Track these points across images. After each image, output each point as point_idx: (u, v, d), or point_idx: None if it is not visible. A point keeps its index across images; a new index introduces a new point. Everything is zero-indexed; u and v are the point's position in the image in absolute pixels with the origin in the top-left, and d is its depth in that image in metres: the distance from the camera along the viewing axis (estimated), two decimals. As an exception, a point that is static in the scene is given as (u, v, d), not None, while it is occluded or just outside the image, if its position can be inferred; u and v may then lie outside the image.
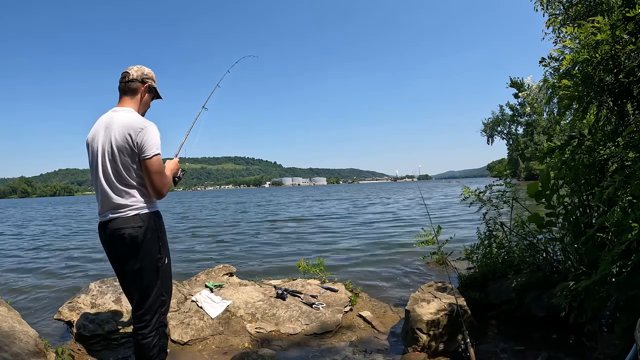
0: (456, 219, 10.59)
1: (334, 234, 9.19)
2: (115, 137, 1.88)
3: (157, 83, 2.19)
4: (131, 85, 2.04)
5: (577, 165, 2.55)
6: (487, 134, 57.64)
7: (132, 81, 2.04)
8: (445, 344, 2.58)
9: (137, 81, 2.05)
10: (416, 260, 5.56)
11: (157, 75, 2.19)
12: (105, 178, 1.91)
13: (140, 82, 2.06)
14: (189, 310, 3.19)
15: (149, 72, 2.11)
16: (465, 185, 4.67)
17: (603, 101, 2.37)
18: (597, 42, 2.08)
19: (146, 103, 2.13)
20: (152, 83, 2.12)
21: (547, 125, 37.83)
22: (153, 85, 2.13)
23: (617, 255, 1.83)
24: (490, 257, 3.41)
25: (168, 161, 2.17)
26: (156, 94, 2.19)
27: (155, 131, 1.93)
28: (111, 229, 1.91)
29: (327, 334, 2.98)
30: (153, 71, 2.15)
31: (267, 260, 6.41)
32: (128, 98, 2.05)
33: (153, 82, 2.13)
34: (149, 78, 2.10)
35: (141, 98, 2.08)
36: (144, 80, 2.07)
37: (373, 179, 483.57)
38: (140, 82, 2.06)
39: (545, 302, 2.79)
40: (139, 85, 2.06)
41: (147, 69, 2.12)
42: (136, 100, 2.06)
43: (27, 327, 2.55)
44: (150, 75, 2.11)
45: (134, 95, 2.06)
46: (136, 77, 2.05)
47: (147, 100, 2.13)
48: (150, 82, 2.11)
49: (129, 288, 2.06)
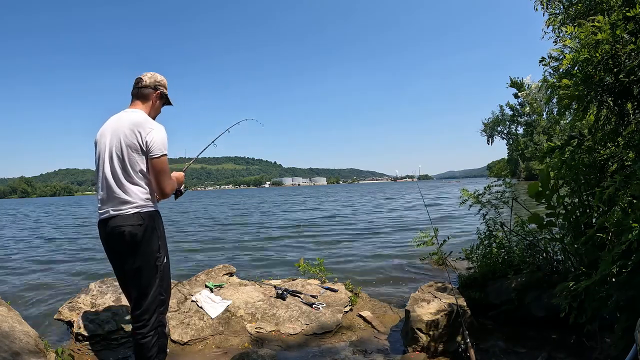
0: (456, 219, 10.59)
1: (334, 234, 9.19)
2: (125, 135, 1.93)
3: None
4: (144, 91, 2.10)
5: (577, 165, 2.54)
6: (487, 134, 57.65)
7: (144, 87, 2.10)
8: (445, 344, 2.58)
9: (149, 88, 2.11)
10: (416, 260, 5.56)
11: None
12: (112, 174, 1.94)
13: (153, 89, 2.12)
14: (189, 310, 3.19)
15: (161, 80, 2.16)
16: (465, 185, 4.67)
17: (603, 101, 2.37)
18: (597, 41, 2.07)
19: (157, 109, 2.19)
20: (164, 90, 2.17)
21: (547, 125, 37.85)
22: (165, 92, 2.18)
23: (617, 256, 1.83)
24: (490, 257, 3.41)
25: (175, 172, 2.22)
26: (167, 101, 2.24)
27: (163, 133, 1.99)
28: (111, 227, 1.92)
29: (327, 334, 2.98)
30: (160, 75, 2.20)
31: (267, 260, 6.42)
32: (140, 102, 2.11)
33: (165, 90, 2.18)
34: (161, 85, 2.16)
35: (153, 104, 2.14)
36: (156, 87, 2.13)
37: (373, 179, 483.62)
38: (153, 89, 2.12)
39: (545, 302, 2.78)
40: (151, 91, 2.12)
41: (160, 76, 2.17)
42: (148, 105, 2.12)
43: (27, 327, 2.55)
44: (162, 82, 2.16)
45: (146, 101, 2.11)
46: (149, 84, 2.10)
47: (158, 106, 2.19)
48: (162, 90, 2.16)
49: (128, 287, 2.07)
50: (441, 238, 4.04)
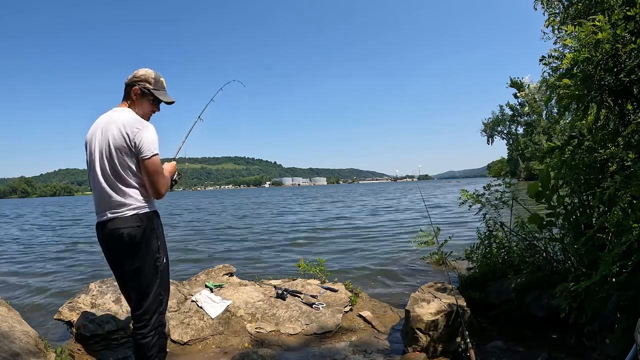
0: (457, 219, 10.59)
1: (334, 234, 9.19)
2: (113, 137, 1.89)
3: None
4: (126, 89, 2.06)
5: (577, 165, 2.54)
6: (487, 134, 57.68)
7: (126, 85, 2.05)
8: (445, 344, 2.57)
9: (129, 85, 2.04)
10: (416, 260, 5.56)
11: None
12: (104, 177, 1.91)
13: (131, 86, 2.03)
14: (189, 310, 3.18)
15: (142, 75, 2.04)
16: (465, 185, 4.68)
17: (603, 101, 2.37)
18: (598, 41, 2.07)
19: (142, 107, 2.05)
20: (146, 85, 2.03)
21: (547, 125, 37.84)
22: (146, 88, 2.03)
23: (617, 256, 1.83)
24: (490, 257, 3.41)
25: (166, 163, 2.16)
26: (154, 98, 2.08)
27: (152, 131, 1.93)
28: (109, 229, 1.91)
29: (327, 334, 2.98)
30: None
31: (267, 260, 6.41)
32: (125, 101, 2.07)
33: (146, 84, 2.03)
34: (141, 80, 2.03)
35: (134, 101, 2.04)
36: (133, 83, 2.03)
37: (373, 179, 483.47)
38: (131, 86, 2.03)
39: (545, 302, 2.78)
40: (130, 88, 2.04)
41: (143, 70, 2.06)
42: (133, 104, 2.04)
43: (27, 327, 2.55)
44: (143, 77, 2.03)
45: (129, 99, 2.05)
46: (129, 81, 2.04)
47: (142, 103, 2.05)
48: (143, 85, 2.02)
49: (127, 288, 2.06)
50: (442, 238, 4.04)
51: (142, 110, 2.06)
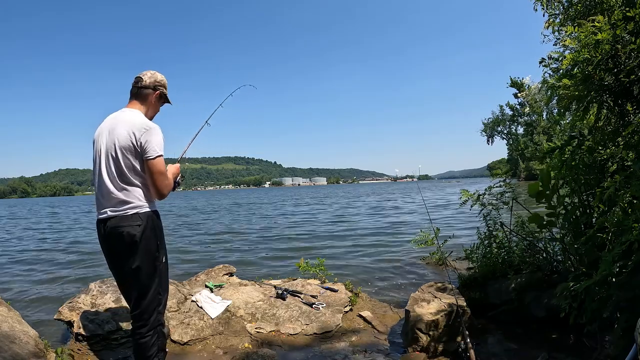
0: (457, 219, 10.59)
1: (334, 234, 9.19)
2: (119, 136, 1.92)
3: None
4: (143, 91, 2.08)
5: (577, 165, 2.54)
6: (487, 134, 57.64)
7: (144, 87, 2.08)
8: (445, 344, 2.58)
9: (149, 88, 2.09)
10: (416, 260, 5.56)
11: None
12: (108, 175, 1.94)
13: (152, 90, 2.10)
14: (189, 310, 3.18)
15: (161, 80, 2.14)
16: (465, 185, 4.68)
17: (603, 101, 2.37)
18: (598, 41, 2.07)
19: (156, 109, 2.17)
20: (164, 90, 2.16)
21: (547, 125, 37.84)
22: (164, 92, 2.16)
23: (618, 256, 1.83)
24: (490, 257, 3.40)
25: (170, 165, 2.19)
26: (166, 100, 2.22)
27: (158, 133, 1.97)
28: (110, 227, 1.92)
29: (327, 334, 2.98)
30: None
31: (267, 260, 6.41)
32: (138, 102, 2.09)
33: (164, 89, 2.16)
34: (161, 85, 2.14)
35: (151, 104, 2.12)
36: (156, 88, 2.11)
37: (373, 179, 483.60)
38: (152, 90, 2.10)
39: (545, 303, 2.79)
40: (151, 92, 2.10)
41: (161, 75, 2.15)
42: (145, 105, 2.10)
43: (27, 327, 2.55)
44: (162, 82, 2.14)
45: (144, 102, 2.10)
46: (149, 84, 2.09)
47: (156, 106, 2.17)
48: (162, 90, 2.14)
49: (126, 287, 2.07)
50: (442, 238, 4.04)
51: (154, 112, 2.17)
